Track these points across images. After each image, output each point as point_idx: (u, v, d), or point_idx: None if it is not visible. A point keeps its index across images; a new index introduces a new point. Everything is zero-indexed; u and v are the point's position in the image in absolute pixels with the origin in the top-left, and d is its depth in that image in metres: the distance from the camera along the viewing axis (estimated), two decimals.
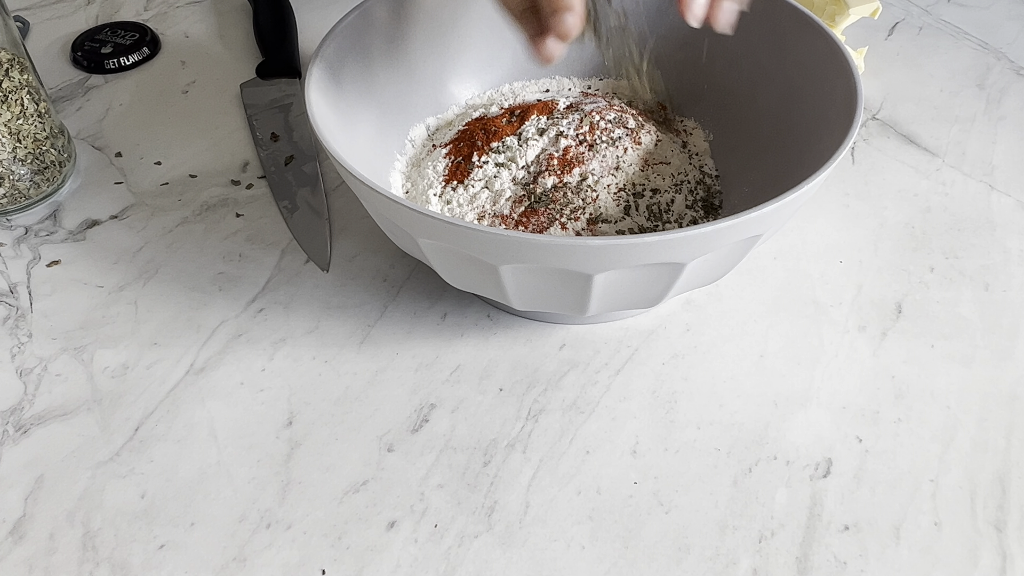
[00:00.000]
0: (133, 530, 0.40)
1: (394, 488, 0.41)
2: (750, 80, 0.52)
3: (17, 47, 0.52)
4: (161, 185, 0.57)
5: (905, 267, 0.52)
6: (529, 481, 0.41)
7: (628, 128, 0.49)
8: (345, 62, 0.49)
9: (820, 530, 0.40)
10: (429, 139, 0.54)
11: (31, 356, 0.47)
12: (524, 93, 0.57)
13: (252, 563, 0.38)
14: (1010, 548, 0.39)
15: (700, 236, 0.37)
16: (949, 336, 0.48)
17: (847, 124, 0.42)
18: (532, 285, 0.40)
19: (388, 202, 0.39)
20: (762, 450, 0.43)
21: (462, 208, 0.48)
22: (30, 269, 0.51)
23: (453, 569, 0.38)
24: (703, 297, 0.50)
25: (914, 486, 0.41)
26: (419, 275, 0.51)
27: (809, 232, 0.53)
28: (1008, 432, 0.43)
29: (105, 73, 0.66)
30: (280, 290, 0.50)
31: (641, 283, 0.40)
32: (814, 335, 0.48)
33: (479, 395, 0.45)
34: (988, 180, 0.57)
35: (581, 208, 0.46)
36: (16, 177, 0.53)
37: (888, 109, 0.63)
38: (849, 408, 0.44)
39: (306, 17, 0.71)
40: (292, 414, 0.44)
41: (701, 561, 0.39)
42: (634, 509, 0.40)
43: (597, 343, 0.47)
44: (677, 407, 0.44)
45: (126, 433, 0.43)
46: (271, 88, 0.63)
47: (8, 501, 0.41)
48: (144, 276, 0.51)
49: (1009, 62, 0.67)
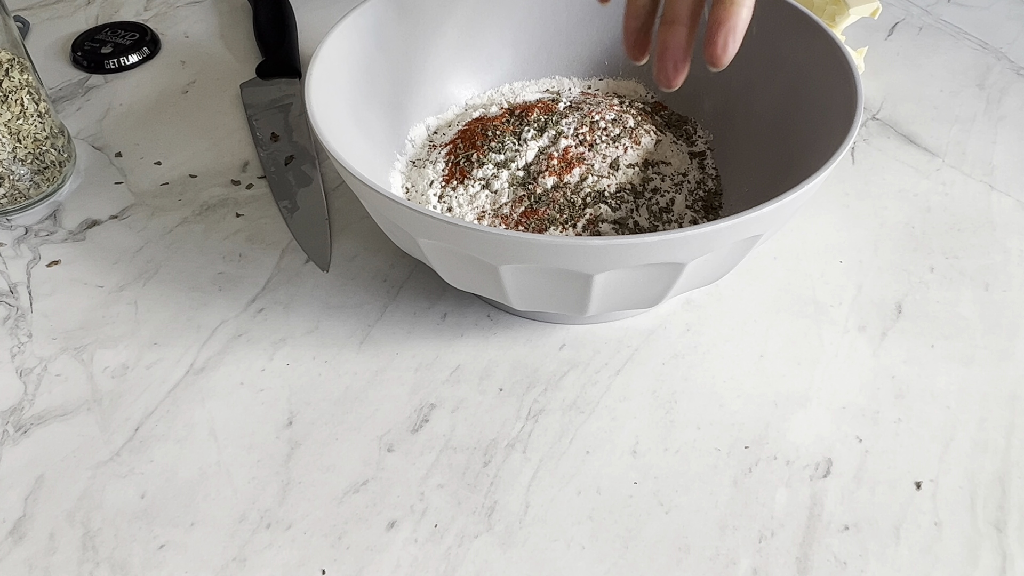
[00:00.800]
0: (133, 530, 0.40)
1: (394, 488, 0.41)
2: (750, 80, 0.52)
3: (17, 47, 0.52)
4: (161, 185, 0.57)
5: (905, 267, 0.52)
6: (529, 481, 0.41)
7: (628, 128, 0.49)
8: (345, 62, 0.49)
9: (820, 530, 0.40)
10: (429, 139, 0.54)
11: (31, 356, 0.47)
12: (524, 93, 0.57)
13: (252, 563, 0.38)
14: (1010, 548, 0.39)
15: (700, 236, 0.37)
16: (949, 336, 0.48)
17: (847, 124, 0.42)
18: (532, 285, 0.40)
19: (388, 202, 0.39)
20: (762, 450, 0.43)
21: (462, 208, 0.48)
22: (30, 269, 0.51)
23: (453, 569, 0.38)
24: (703, 297, 0.50)
25: (914, 486, 0.41)
26: (419, 275, 0.51)
27: (809, 232, 0.53)
28: (1008, 432, 0.43)
29: (105, 73, 0.66)
30: (280, 290, 0.50)
31: (641, 283, 0.40)
32: (814, 335, 0.48)
33: (479, 395, 0.45)
34: (988, 180, 0.57)
35: (581, 208, 0.46)
36: (16, 177, 0.53)
37: (888, 109, 0.63)
38: (849, 408, 0.44)
39: (306, 17, 0.71)
40: (292, 414, 0.44)
41: (701, 561, 0.39)
42: (634, 509, 0.40)
43: (597, 343, 0.47)
44: (677, 407, 0.44)
45: (126, 433, 0.43)
46: (271, 88, 0.63)
47: (8, 501, 0.41)
48: (144, 276, 0.51)
49: (1009, 62, 0.67)
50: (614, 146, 0.48)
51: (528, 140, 0.49)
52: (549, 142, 0.48)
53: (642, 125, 0.50)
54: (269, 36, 0.67)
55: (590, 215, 0.46)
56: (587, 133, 0.48)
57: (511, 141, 0.49)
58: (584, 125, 0.49)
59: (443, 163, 0.50)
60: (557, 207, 0.46)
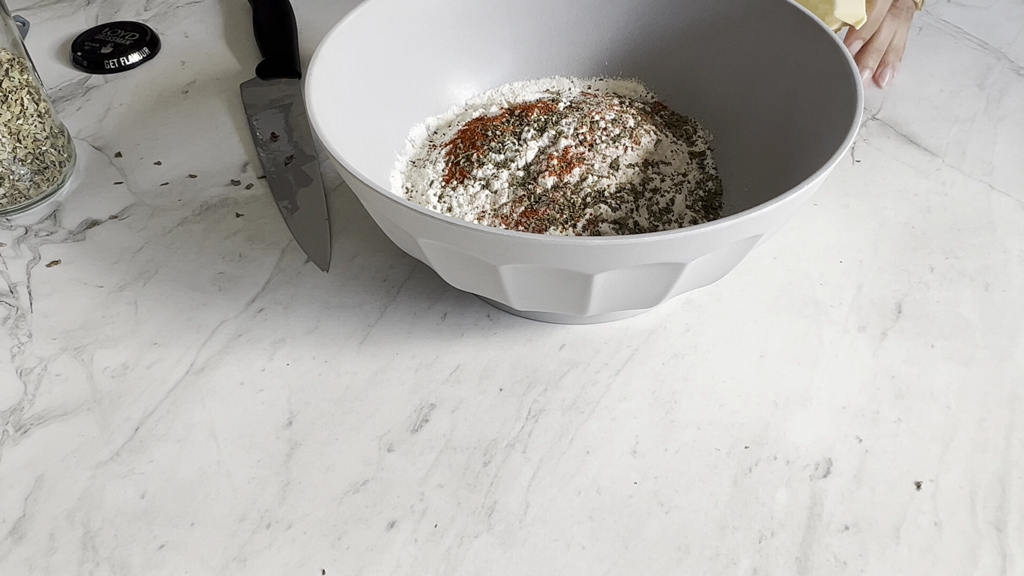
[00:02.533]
0: (133, 530, 0.40)
1: (394, 488, 0.41)
2: (750, 80, 0.52)
3: (17, 47, 0.52)
4: (161, 185, 0.57)
5: (905, 267, 0.52)
6: (529, 481, 0.41)
7: (628, 128, 0.49)
8: (345, 62, 0.49)
9: (820, 530, 0.40)
10: (429, 139, 0.54)
11: (31, 356, 0.47)
12: (524, 93, 0.56)
13: (252, 563, 0.38)
14: (1010, 548, 0.39)
15: (700, 236, 0.37)
16: (949, 336, 0.48)
17: (847, 124, 0.42)
18: (532, 285, 0.40)
19: (388, 202, 0.39)
20: (762, 450, 0.43)
21: (462, 208, 0.48)
22: (30, 269, 0.51)
23: (453, 569, 0.38)
24: (703, 297, 0.50)
25: (914, 486, 0.41)
26: (419, 275, 0.51)
27: (809, 232, 0.53)
28: (1008, 432, 0.43)
29: (105, 73, 0.66)
30: (280, 290, 0.50)
31: (641, 283, 0.40)
32: (814, 335, 0.48)
33: (479, 395, 0.45)
34: (988, 180, 0.57)
35: (581, 208, 0.46)
36: (16, 177, 0.53)
37: (888, 109, 0.63)
38: (849, 408, 0.44)
39: (306, 17, 0.71)
40: (292, 414, 0.44)
41: (701, 561, 0.39)
42: (634, 509, 0.40)
43: (597, 343, 0.47)
44: (677, 407, 0.44)
45: (126, 433, 0.43)
46: (271, 88, 0.63)
47: (8, 501, 0.41)
48: (144, 276, 0.51)
49: (1009, 62, 0.67)
50: (614, 146, 0.48)
51: (528, 140, 0.49)
52: (549, 142, 0.48)
53: (642, 125, 0.50)
54: (269, 36, 0.67)
55: (590, 215, 0.46)
56: (587, 133, 0.48)
57: (511, 141, 0.49)
58: (584, 125, 0.49)
59: (443, 163, 0.50)
60: (557, 207, 0.46)
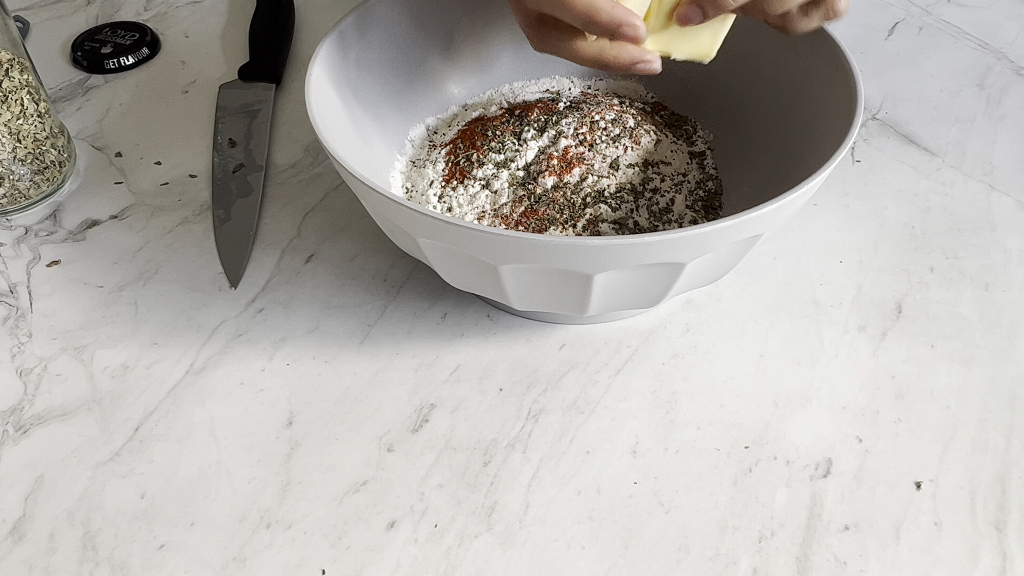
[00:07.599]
0: (133, 530, 0.40)
1: (394, 488, 0.41)
2: (750, 80, 0.52)
3: (17, 47, 0.52)
4: (161, 185, 0.57)
5: (905, 267, 0.52)
6: (529, 481, 0.41)
7: (628, 128, 0.49)
8: (345, 62, 0.49)
9: (820, 530, 0.40)
10: (429, 139, 0.54)
11: (31, 356, 0.47)
12: (524, 93, 0.56)
13: (252, 563, 0.38)
14: (1010, 548, 0.39)
15: (700, 236, 0.37)
16: (949, 336, 0.48)
17: (847, 124, 0.42)
18: (532, 285, 0.40)
19: (388, 202, 0.39)
20: (762, 450, 0.43)
21: (462, 208, 0.48)
22: (30, 269, 0.51)
23: (453, 569, 0.38)
24: (703, 297, 0.50)
25: (914, 486, 0.41)
26: (419, 275, 0.51)
27: (809, 232, 0.53)
28: (1008, 432, 0.43)
29: (105, 73, 0.66)
30: (280, 290, 0.50)
31: (641, 283, 0.40)
32: (814, 335, 0.48)
33: (479, 395, 0.45)
34: (988, 180, 0.57)
35: (581, 208, 0.46)
36: (16, 177, 0.53)
37: (888, 109, 0.63)
38: (849, 408, 0.44)
39: (306, 17, 0.71)
40: (292, 414, 0.44)
41: (701, 561, 0.39)
42: (634, 509, 0.40)
43: (597, 343, 0.47)
44: (677, 407, 0.44)
45: (126, 433, 0.43)
46: (247, 92, 0.62)
47: (8, 501, 0.41)
48: (144, 276, 0.51)
49: (1009, 62, 0.67)
50: (614, 146, 0.48)
51: (528, 140, 0.49)
52: (549, 142, 0.48)
53: (642, 125, 0.50)
54: (258, 38, 0.66)
55: (590, 215, 0.46)
56: (587, 133, 0.48)
57: (511, 141, 0.49)
58: (584, 125, 0.49)
59: (443, 163, 0.50)
60: (557, 207, 0.46)
